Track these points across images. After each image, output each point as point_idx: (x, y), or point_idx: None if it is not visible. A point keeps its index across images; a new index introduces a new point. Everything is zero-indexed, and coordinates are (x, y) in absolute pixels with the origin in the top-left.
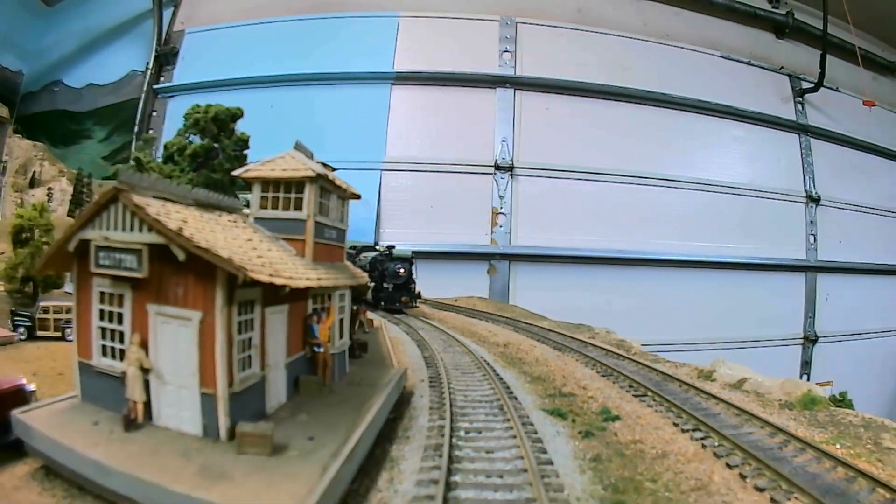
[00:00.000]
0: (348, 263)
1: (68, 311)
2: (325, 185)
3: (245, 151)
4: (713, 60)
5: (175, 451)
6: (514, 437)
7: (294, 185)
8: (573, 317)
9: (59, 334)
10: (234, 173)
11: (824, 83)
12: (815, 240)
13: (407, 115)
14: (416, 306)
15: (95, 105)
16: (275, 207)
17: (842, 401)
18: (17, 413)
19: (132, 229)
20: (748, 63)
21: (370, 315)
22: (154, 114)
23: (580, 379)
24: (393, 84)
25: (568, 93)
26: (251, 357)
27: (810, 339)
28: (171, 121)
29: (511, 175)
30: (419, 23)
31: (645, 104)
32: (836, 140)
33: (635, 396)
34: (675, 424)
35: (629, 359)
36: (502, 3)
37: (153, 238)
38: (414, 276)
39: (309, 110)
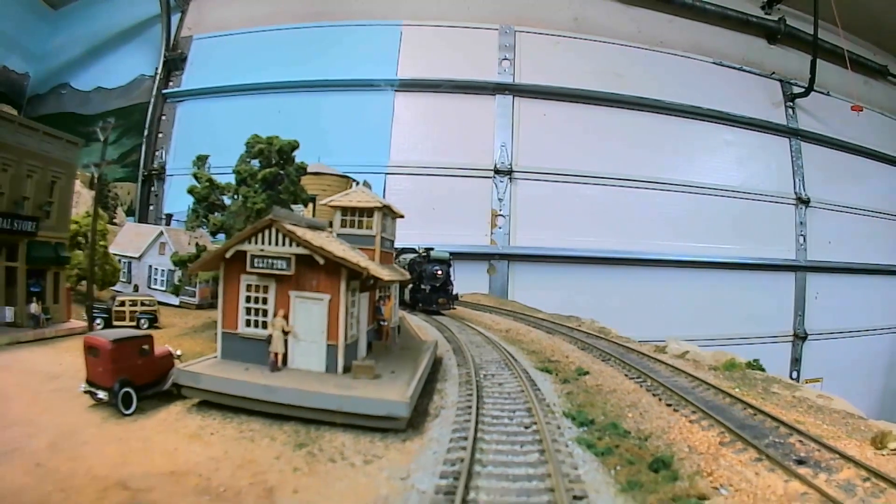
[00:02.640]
0: (394, 265)
1: (143, 304)
2: (386, 211)
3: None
4: (706, 67)
5: (312, 379)
6: (517, 378)
7: (366, 212)
8: (568, 312)
9: (133, 324)
10: (322, 202)
11: (815, 87)
12: (804, 240)
13: (410, 120)
14: (454, 308)
15: (104, 108)
16: (351, 227)
17: (755, 365)
18: (181, 367)
19: (282, 244)
20: (740, 69)
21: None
22: (164, 118)
23: (564, 351)
24: (397, 91)
25: (565, 99)
26: (353, 324)
27: (800, 337)
28: (181, 125)
29: (510, 179)
30: (422, 31)
31: (639, 110)
32: (826, 143)
33: (603, 361)
34: (626, 375)
35: (606, 339)
36: (502, 12)
37: (300, 250)
38: (452, 278)
39: (315, 115)
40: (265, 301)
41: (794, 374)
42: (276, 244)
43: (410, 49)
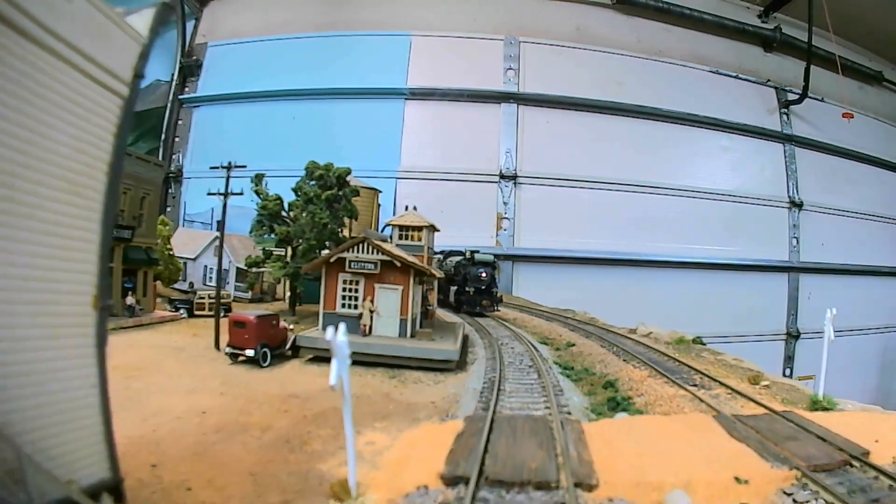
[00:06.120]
0: (434, 267)
1: (221, 297)
2: (430, 228)
3: (354, 198)
4: (703, 75)
5: (390, 340)
6: (524, 345)
7: (416, 229)
8: (567, 308)
9: (211, 313)
10: (385, 222)
11: (810, 94)
12: (797, 242)
13: (419, 127)
14: (498, 310)
15: None
16: (406, 239)
17: (697, 341)
18: (301, 334)
19: (371, 252)
20: (736, 77)
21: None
22: (180, 122)
23: (559, 332)
24: (407, 99)
25: (567, 107)
26: (415, 306)
27: (793, 336)
28: (197, 129)
29: (514, 183)
30: (430, 41)
31: (638, 117)
32: (820, 148)
33: (586, 338)
34: (601, 346)
35: (593, 325)
36: (507, 23)
37: (383, 257)
38: (497, 280)
39: (328, 122)
40: (356, 290)
41: (788, 372)
42: (367, 252)
43: (419, 59)
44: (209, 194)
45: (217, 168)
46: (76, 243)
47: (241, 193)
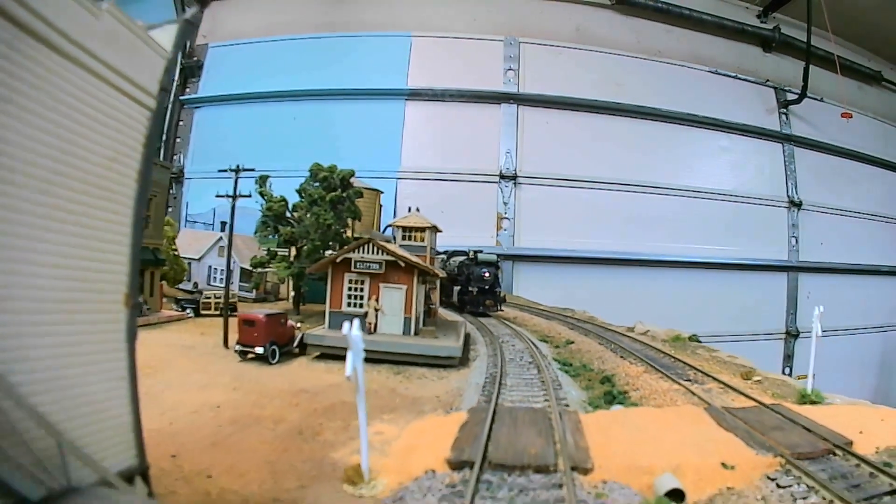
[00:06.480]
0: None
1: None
2: (433, 230)
3: (357, 199)
4: (702, 75)
5: (395, 337)
6: (524, 342)
7: (420, 230)
8: (565, 307)
9: (217, 312)
10: (388, 223)
11: (809, 94)
12: (796, 242)
13: (419, 128)
14: (501, 310)
15: None
16: (409, 240)
17: (693, 338)
18: (308, 332)
19: (376, 253)
20: (735, 77)
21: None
22: (181, 123)
23: (558, 329)
24: (407, 100)
25: (567, 108)
26: (418, 304)
27: (792, 335)
28: (198, 130)
29: (514, 183)
30: (430, 42)
31: (638, 117)
32: (819, 148)
33: (585, 336)
34: (599, 343)
35: (591, 324)
36: (506, 23)
37: (388, 257)
38: (500, 280)
39: (329, 123)
40: (361, 290)
41: (787, 370)
42: (372, 253)
43: (420, 59)
44: (218, 196)
45: (225, 171)
46: (110, 245)
47: (249, 196)
